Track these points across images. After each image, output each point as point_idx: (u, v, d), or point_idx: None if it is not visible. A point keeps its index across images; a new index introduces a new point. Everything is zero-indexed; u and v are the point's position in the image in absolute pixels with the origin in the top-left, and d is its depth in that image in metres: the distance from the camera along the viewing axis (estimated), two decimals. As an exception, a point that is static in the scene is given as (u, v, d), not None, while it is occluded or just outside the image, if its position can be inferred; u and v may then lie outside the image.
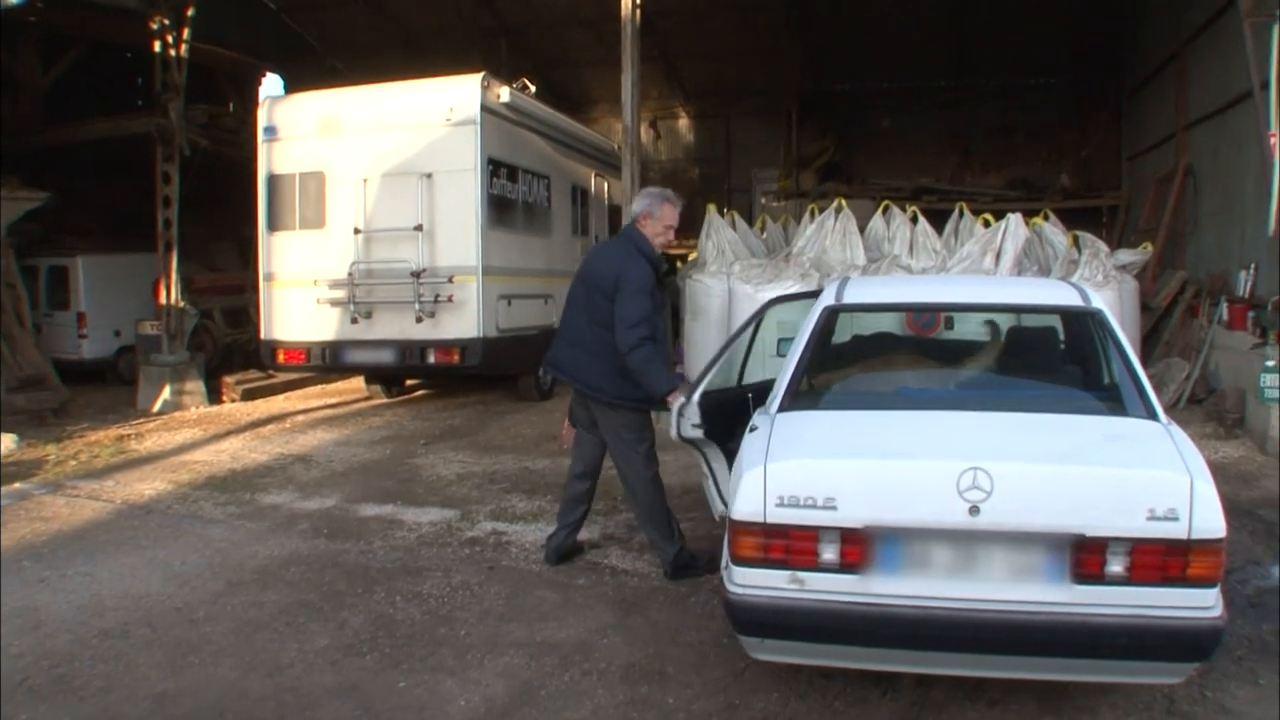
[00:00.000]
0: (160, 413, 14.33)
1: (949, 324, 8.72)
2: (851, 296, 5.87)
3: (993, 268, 12.18)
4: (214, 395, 15.37)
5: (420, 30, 22.92)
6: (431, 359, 12.38)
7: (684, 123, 27.61)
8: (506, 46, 22.62)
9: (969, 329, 8.43)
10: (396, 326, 12.43)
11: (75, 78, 18.75)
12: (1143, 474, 4.13)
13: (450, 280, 12.09)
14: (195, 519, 8.36)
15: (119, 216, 19.02)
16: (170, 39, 14.66)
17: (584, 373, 6.46)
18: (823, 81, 24.21)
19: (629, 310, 6.12)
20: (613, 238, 6.91)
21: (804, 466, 4.38)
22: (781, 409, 5.02)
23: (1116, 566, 3.98)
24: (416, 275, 12.08)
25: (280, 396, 15.77)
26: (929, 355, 6.68)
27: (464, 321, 12.22)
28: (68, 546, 7.56)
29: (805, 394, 5.27)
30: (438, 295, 12.14)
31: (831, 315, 5.79)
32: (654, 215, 6.46)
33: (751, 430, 4.93)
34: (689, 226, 26.17)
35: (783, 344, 7.79)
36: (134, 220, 17.28)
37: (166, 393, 14.60)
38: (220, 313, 17.95)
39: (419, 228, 12.17)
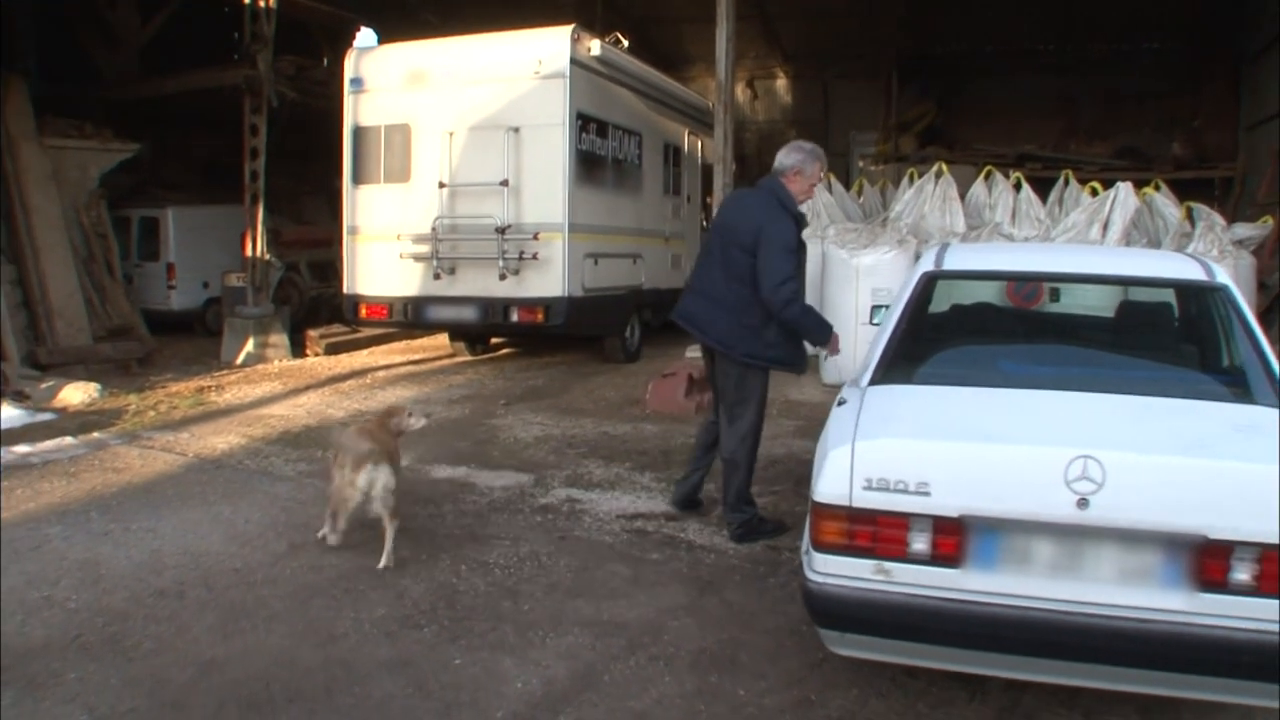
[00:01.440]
0: (243, 365, 14.25)
1: (1054, 296, 8.20)
2: (953, 263, 5.46)
3: (1099, 238, 11.63)
4: (297, 349, 15.27)
5: (537, 12, 22.58)
6: (514, 318, 12.11)
7: (781, 83, 27.00)
8: (601, 3, 22.17)
9: (1075, 302, 7.93)
10: (480, 284, 12.16)
11: (174, 32, 18.75)
12: (1276, 471, 3.59)
13: (535, 237, 11.80)
14: (265, 475, 8.17)
15: (213, 169, 19.03)
16: (262, -12, 14.47)
17: (716, 328, 6.30)
18: (924, 43, 23.46)
19: (776, 266, 5.93)
20: (749, 188, 6.61)
21: (896, 446, 3.98)
22: (873, 382, 4.65)
23: (1242, 574, 3.50)
24: (501, 231, 11.80)
25: (364, 351, 15.63)
26: (1033, 329, 6.22)
27: (548, 280, 11.91)
28: (135, 499, 7.39)
29: (899, 366, 4.84)
30: (522, 252, 11.86)
31: (930, 282, 5.38)
32: (805, 173, 6.24)
33: (840, 404, 4.54)
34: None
35: (876, 311, 7.42)
36: (227, 173, 17.20)
37: (250, 345, 14.52)
38: (306, 266, 17.88)
39: (504, 183, 11.88)
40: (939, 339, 5.51)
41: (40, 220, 14.06)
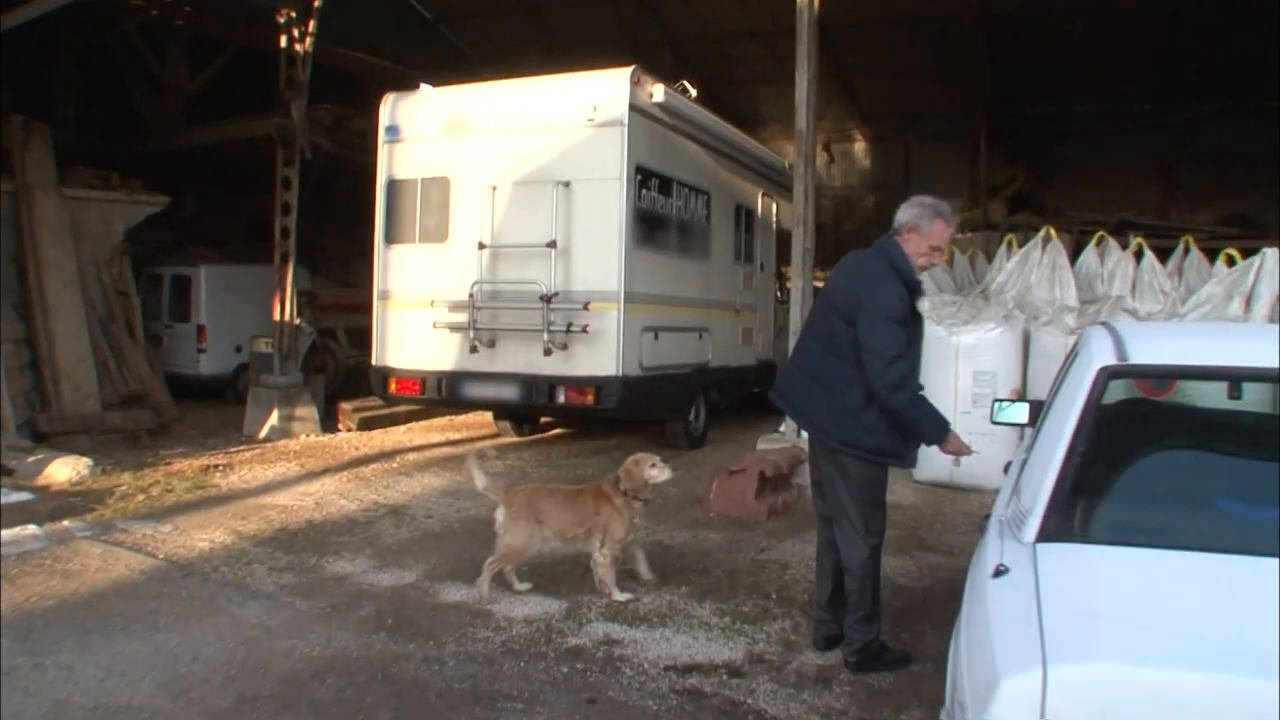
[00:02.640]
0: (266, 439, 12.96)
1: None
2: (1144, 353, 3.89)
3: (1241, 314, 9.92)
4: (329, 422, 13.95)
5: (579, 40, 21.33)
6: (561, 399, 10.62)
7: (860, 146, 25.58)
8: (671, 58, 20.92)
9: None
10: (522, 358, 10.72)
11: (226, 83, 17.75)
12: None
13: (586, 307, 10.32)
14: (238, 589, 6.70)
15: (257, 226, 17.92)
16: (296, 33, 13.28)
17: (814, 410, 5.40)
18: (1012, 103, 22.05)
19: (882, 341, 5.00)
20: (862, 251, 5.56)
21: (1116, 677, 2.43)
22: (1044, 536, 3.10)
23: None
24: (547, 300, 10.34)
25: (401, 428, 14.25)
26: (1234, 440, 4.57)
27: (601, 356, 10.42)
28: (70, 620, 5.98)
29: (1078, 509, 3.38)
30: (571, 324, 10.38)
31: (1108, 381, 3.77)
32: (920, 230, 5.19)
33: (998, 575, 2.99)
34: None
35: (1000, 407, 5.91)
36: (273, 231, 16.06)
37: (274, 418, 13.22)
38: (345, 332, 16.50)
39: (552, 244, 10.45)
40: (1116, 458, 3.89)
41: (53, 276, 12.92)
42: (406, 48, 19.24)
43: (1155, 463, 3.92)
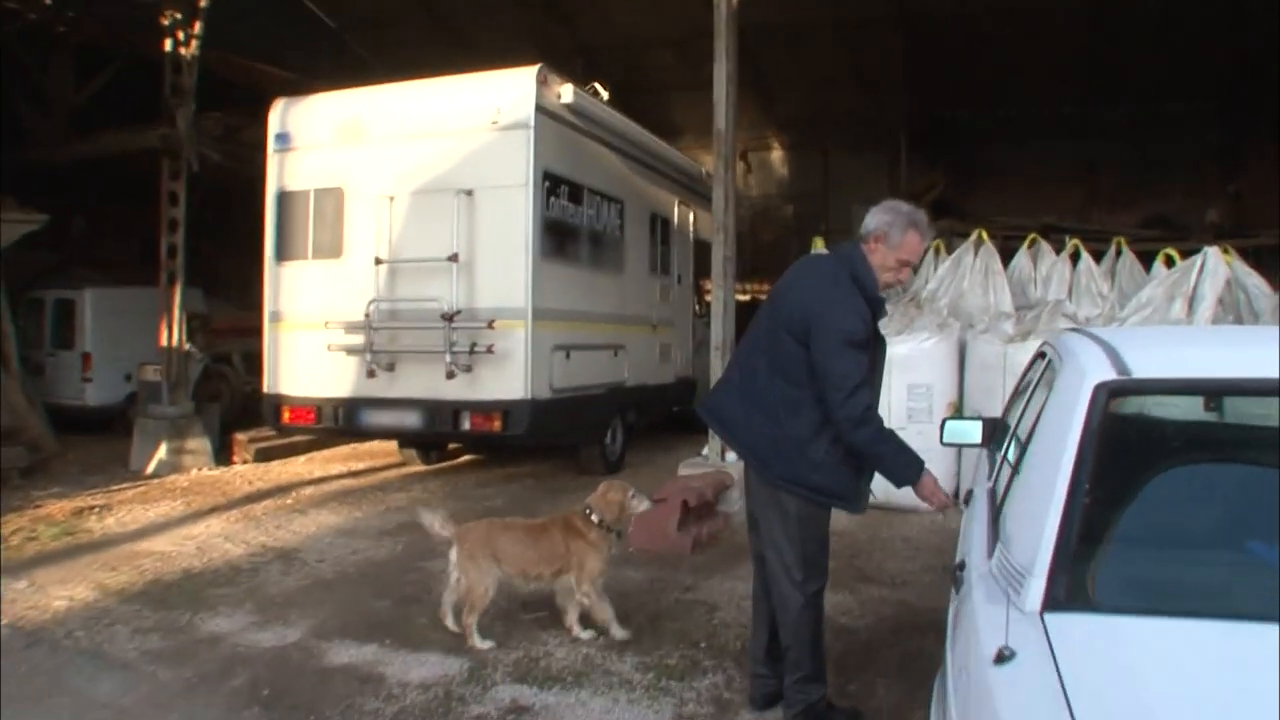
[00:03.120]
0: (154, 475, 12.02)
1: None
2: (1148, 366, 3.20)
3: (1183, 316, 9.43)
4: (225, 454, 13.02)
5: (488, 49, 20.44)
6: (466, 425, 9.83)
7: (777, 155, 25.10)
8: (583, 67, 20.25)
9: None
10: (424, 382, 9.92)
11: (120, 96, 16.62)
12: None
13: (491, 325, 9.54)
14: (93, 659, 5.84)
15: (154, 247, 16.85)
16: (181, 36, 12.38)
17: (752, 436, 4.65)
18: (930, 108, 21.70)
19: (842, 370, 4.31)
20: (819, 255, 5.25)
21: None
22: (1053, 604, 2.47)
23: None
24: (448, 318, 9.55)
25: (301, 458, 13.33)
26: (1247, 455, 3.88)
27: (507, 378, 9.66)
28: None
29: (1086, 561, 2.69)
30: (474, 344, 9.60)
31: (1109, 401, 3.08)
32: (889, 240, 4.52)
33: (1003, 659, 2.31)
34: (780, 270, 24.10)
35: (949, 426, 5.31)
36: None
37: (163, 451, 12.29)
38: (242, 357, 15.51)
39: (454, 258, 9.67)
40: (1127, 494, 3.16)
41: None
42: (311, 58, 18.32)
43: (1176, 496, 3.21)
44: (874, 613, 6.60)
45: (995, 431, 5.20)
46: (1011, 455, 4.10)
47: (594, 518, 5.91)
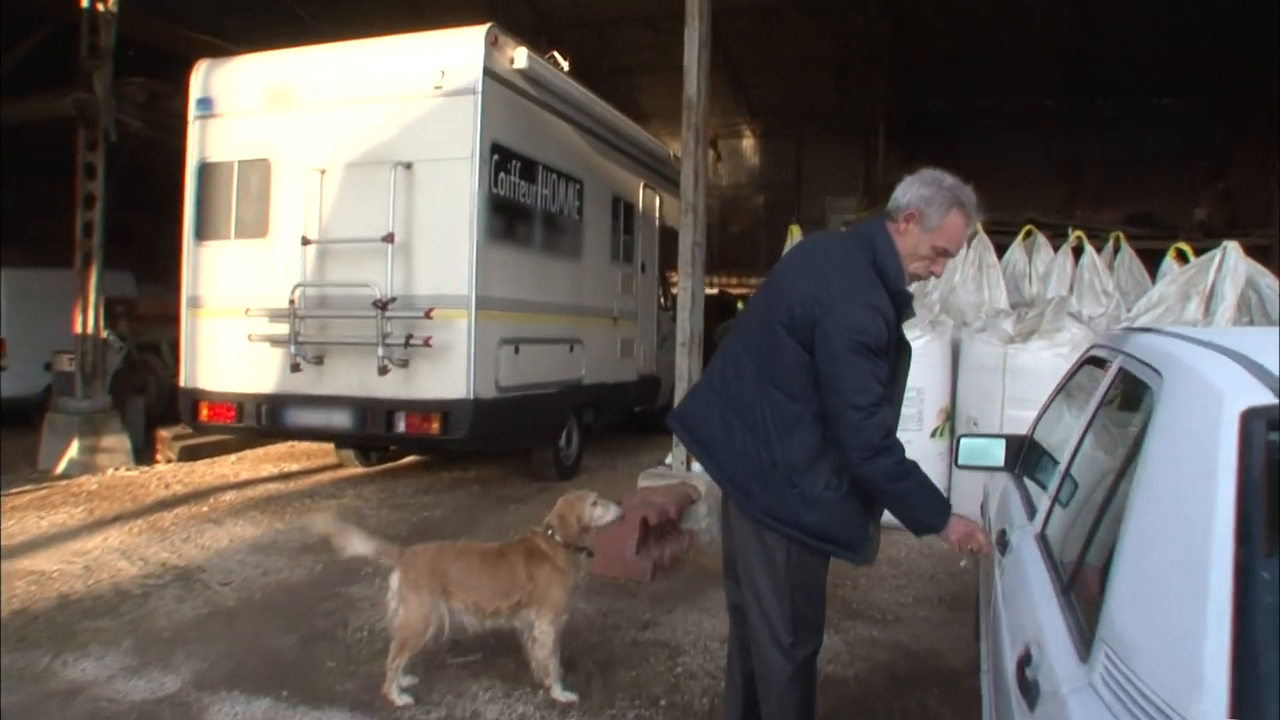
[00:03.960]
0: (64, 475, 10.90)
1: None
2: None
3: (1200, 317, 8.52)
4: (148, 452, 11.91)
5: (442, 22, 19.59)
6: (401, 426, 8.75)
7: (749, 143, 24.28)
8: (547, 45, 19.23)
9: None
10: (355, 378, 8.86)
11: (49, 65, 15.47)
12: None
13: (428, 315, 8.46)
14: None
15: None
16: (98, -11, 11.26)
17: (734, 459, 3.60)
18: (910, 100, 20.97)
19: (855, 380, 3.32)
20: (830, 234, 4.32)
21: None
22: None
23: None
24: (382, 306, 8.48)
25: (231, 457, 12.25)
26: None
27: (447, 375, 8.60)
28: None
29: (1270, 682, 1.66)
30: (410, 336, 8.52)
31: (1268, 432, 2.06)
32: (926, 221, 3.50)
33: None
34: (749, 262, 23.09)
35: (967, 445, 4.35)
36: (115, 233, 13.85)
37: (74, 449, 11.18)
38: (170, 346, 14.36)
39: (389, 238, 8.58)
40: None
41: None
42: (250, 27, 17.16)
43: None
44: (865, 658, 5.61)
45: (1023, 453, 4.25)
46: (1073, 495, 3.13)
47: (557, 538, 4.86)
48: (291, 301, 8.85)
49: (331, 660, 5.48)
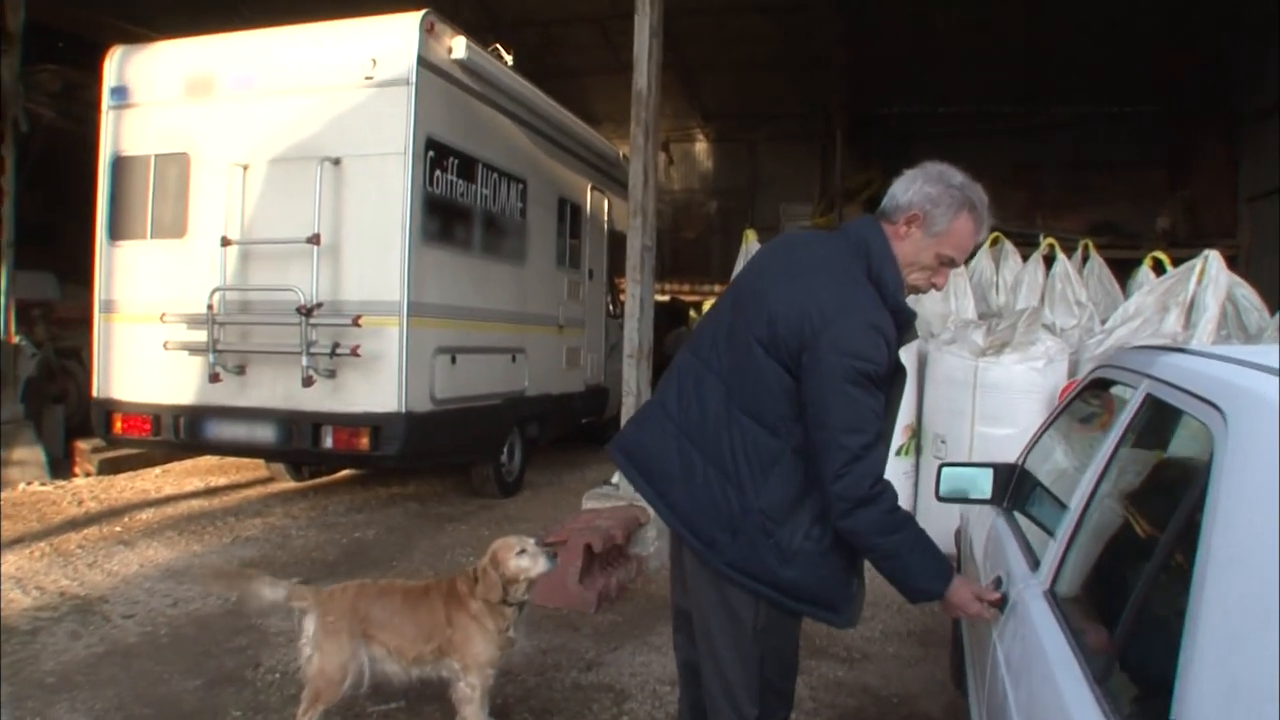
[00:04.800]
0: (-31, 491, 10.13)
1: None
2: None
3: (1180, 330, 8.07)
4: (64, 466, 11.18)
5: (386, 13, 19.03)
6: (329, 442, 8.13)
7: (702, 147, 23.79)
8: (492, 41, 18.69)
9: None
10: (280, 389, 8.22)
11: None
12: None
13: (356, 322, 7.86)
14: None
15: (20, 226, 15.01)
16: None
17: (690, 499, 3.00)
18: (866, 104, 20.60)
19: (847, 414, 2.77)
20: (813, 234, 3.38)
21: None
22: None
23: None
24: (307, 312, 7.86)
25: (156, 470, 11.54)
26: None
27: (378, 386, 7.99)
28: None
29: None
30: (337, 345, 7.89)
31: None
32: (931, 225, 2.99)
33: None
34: (702, 269, 22.56)
35: (949, 474, 3.89)
36: (34, 230, 13.09)
37: (-19, 463, 10.41)
38: (92, 353, 13.64)
39: (315, 239, 7.95)
40: None
41: None
42: (173, 12, 16.44)
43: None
44: (831, 704, 5.08)
45: (1013, 485, 3.74)
46: (1093, 548, 2.61)
47: (478, 592, 4.27)
48: (210, 306, 8.20)
49: (236, 709, 4.88)
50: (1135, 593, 2.08)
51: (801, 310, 2.80)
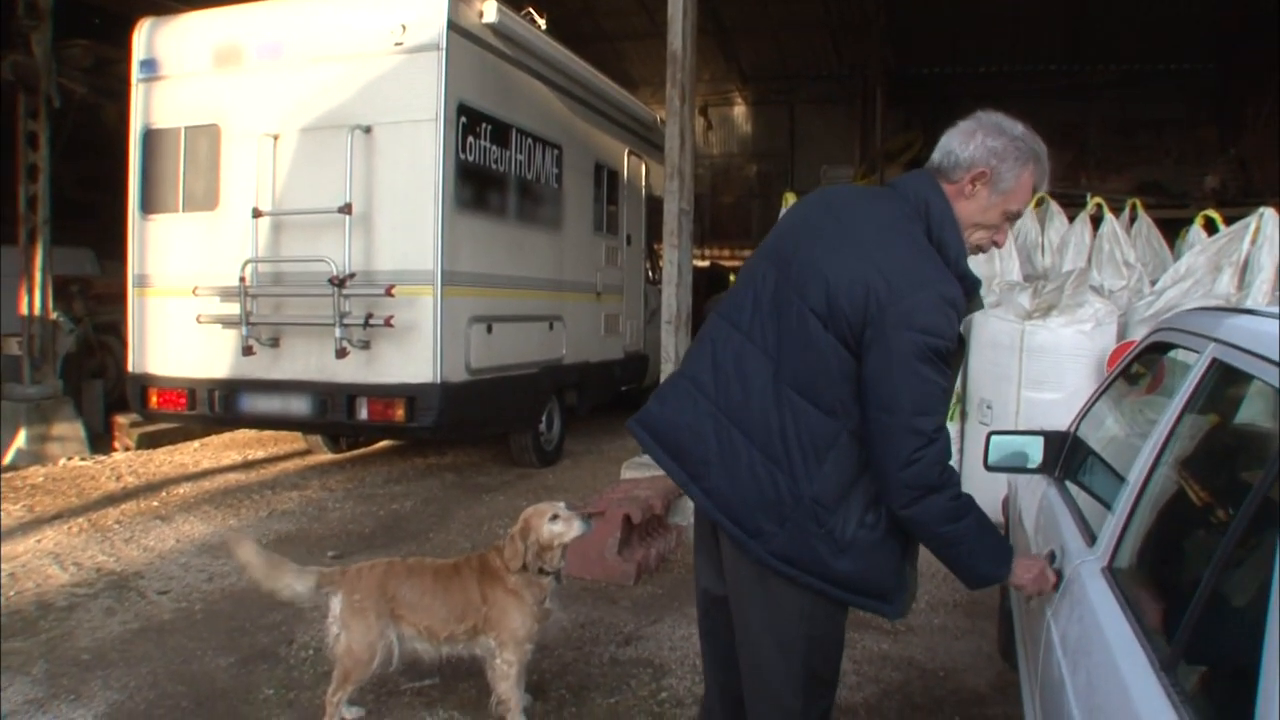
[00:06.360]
0: (12, 466, 10.16)
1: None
2: None
3: (1233, 291, 7.80)
4: (104, 441, 11.19)
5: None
6: (364, 414, 8.03)
7: (740, 110, 23.51)
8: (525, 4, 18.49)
9: None
10: (313, 361, 8.13)
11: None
12: None
13: (389, 292, 7.74)
14: None
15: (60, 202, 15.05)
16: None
17: (730, 483, 2.72)
18: (907, 63, 20.15)
19: (917, 393, 2.53)
20: (861, 190, 3.21)
21: None
22: None
23: None
24: (339, 283, 7.75)
25: (195, 444, 11.54)
26: None
27: (412, 357, 7.88)
28: None
29: None
30: (370, 315, 7.78)
31: None
32: (999, 180, 2.75)
33: None
34: (741, 233, 22.35)
35: (998, 442, 3.70)
36: (73, 206, 13.02)
37: (21, 439, 10.44)
38: (130, 327, 13.63)
39: (346, 209, 7.82)
40: None
41: None
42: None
43: None
44: (875, 679, 4.93)
45: (1065, 453, 3.57)
46: (1156, 522, 2.44)
47: (510, 561, 4.16)
48: (242, 279, 8.10)
49: (269, 686, 4.80)
50: (1207, 572, 1.91)
51: (865, 282, 2.55)
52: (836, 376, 2.60)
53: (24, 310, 10.85)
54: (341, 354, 7.80)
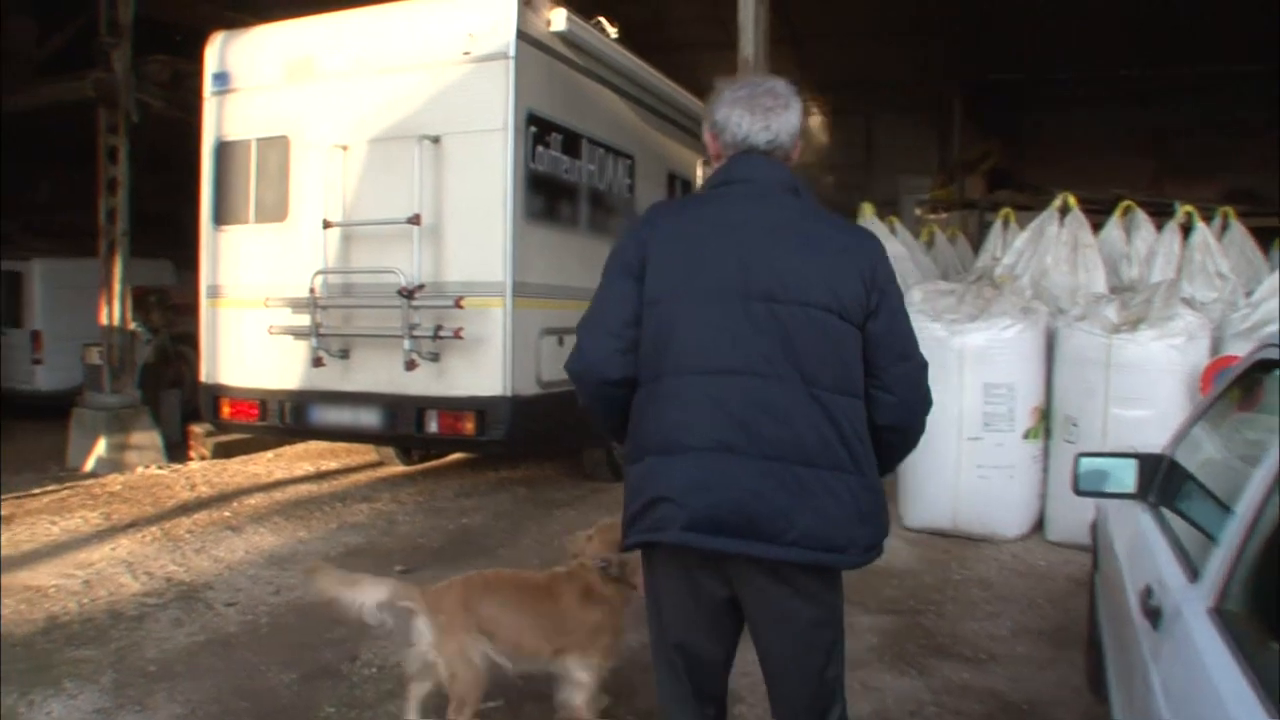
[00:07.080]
0: (92, 473, 10.33)
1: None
2: None
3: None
4: (180, 450, 11.30)
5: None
6: (434, 427, 7.95)
7: (815, 120, 23.18)
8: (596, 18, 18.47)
9: None
10: (383, 373, 8.05)
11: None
12: None
13: (459, 304, 7.64)
14: None
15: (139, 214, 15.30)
16: (117, -43, 10.63)
17: (814, 520, 2.61)
18: (984, 71, 19.78)
19: (912, 333, 2.86)
20: (693, 195, 3.39)
21: None
22: None
23: None
24: (408, 295, 7.69)
25: (269, 454, 11.61)
26: None
27: (482, 370, 7.77)
28: None
29: None
30: (440, 327, 7.69)
31: None
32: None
33: None
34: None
35: (1089, 465, 3.49)
36: (148, 220, 13.22)
37: (101, 447, 10.64)
38: (207, 337, 13.80)
39: (415, 220, 7.76)
40: None
41: None
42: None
43: None
44: (955, 710, 4.73)
45: (1161, 477, 3.36)
46: (1268, 553, 2.25)
47: (605, 568, 4.06)
48: (312, 290, 8.08)
49: (331, 704, 4.74)
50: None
51: (850, 258, 2.73)
52: (856, 360, 2.70)
53: (103, 321, 10.98)
54: (411, 366, 7.73)
